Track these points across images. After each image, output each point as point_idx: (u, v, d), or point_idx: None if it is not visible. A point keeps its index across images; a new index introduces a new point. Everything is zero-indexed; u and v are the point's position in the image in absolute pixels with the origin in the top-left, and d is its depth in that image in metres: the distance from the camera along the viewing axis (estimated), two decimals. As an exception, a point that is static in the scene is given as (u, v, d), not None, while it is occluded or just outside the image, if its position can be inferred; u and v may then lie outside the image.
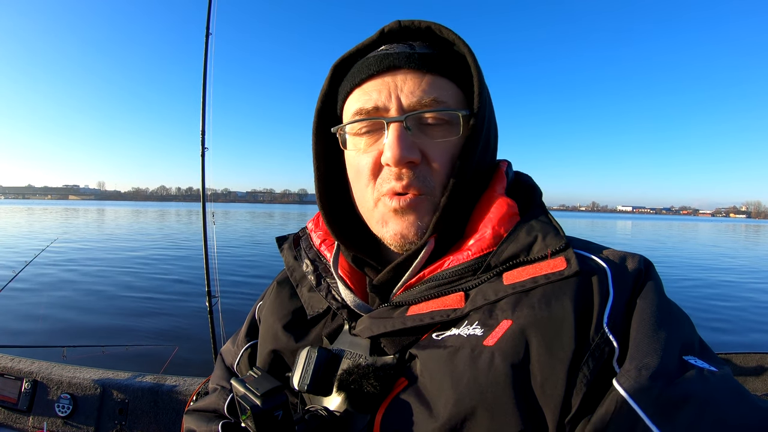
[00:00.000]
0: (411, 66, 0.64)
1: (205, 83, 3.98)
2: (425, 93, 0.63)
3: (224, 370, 0.94)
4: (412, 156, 0.63)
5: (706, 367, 0.49)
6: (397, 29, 0.68)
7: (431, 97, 0.63)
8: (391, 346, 0.63)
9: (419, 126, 0.65)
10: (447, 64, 0.66)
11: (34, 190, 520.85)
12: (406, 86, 0.64)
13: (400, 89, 0.64)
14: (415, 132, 0.65)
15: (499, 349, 0.53)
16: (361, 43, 0.70)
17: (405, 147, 0.62)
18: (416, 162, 0.64)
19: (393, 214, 0.66)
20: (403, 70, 0.64)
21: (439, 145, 0.65)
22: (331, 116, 0.76)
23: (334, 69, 0.72)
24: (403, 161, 0.62)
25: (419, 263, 0.66)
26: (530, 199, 0.71)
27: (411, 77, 0.64)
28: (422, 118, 0.65)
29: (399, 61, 0.64)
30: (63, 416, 2.10)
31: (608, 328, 0.52)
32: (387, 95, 0.64)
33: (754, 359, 2.61)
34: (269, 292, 0.91)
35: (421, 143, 0.65)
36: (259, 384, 0.57)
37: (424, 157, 0.65)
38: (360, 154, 0.69)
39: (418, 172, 0.64)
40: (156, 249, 17.85)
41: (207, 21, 3.94)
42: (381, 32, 0.68)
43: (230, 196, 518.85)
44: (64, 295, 9.07)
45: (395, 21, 0.68)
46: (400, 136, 0.62)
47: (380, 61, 0.66)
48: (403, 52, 0.65)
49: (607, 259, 0.60)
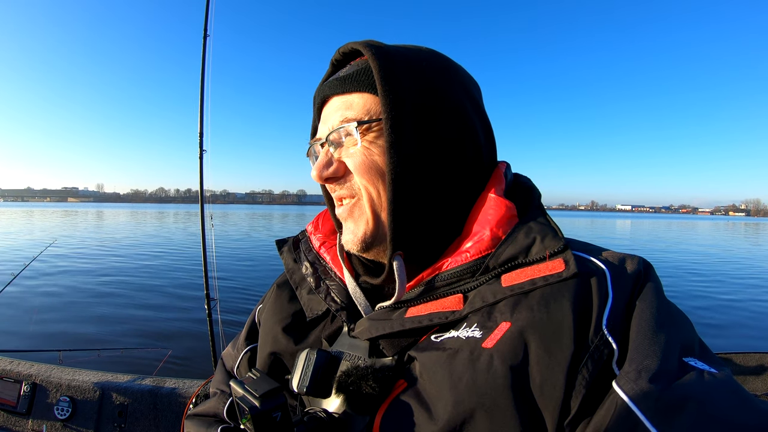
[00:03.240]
0: (335, 92, 0.70)
1: (203, 85, 3.97)
2: (339, 115, 0.69)
3: (224, 375, 0.94)
4: (326, 172, 0.70)
5: (706, 368, 0.49)
6: (340, 57, 0.73)
7: (340, 117, 0.68)
8: (390, 348, 0.63)
9: (337, 143, 0.70)
10: (365, 78, 0.67)
11: (33, 193, 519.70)
12: (330, 113, 0.71)
13: (329, 116, 0.71)
14: (336, 149, 0.70)
15: (497, 351, 0.53)
16: (324, 76, 0.77)
17: (321, 166, 0.70)
18: (337, 176, 0.70)
19: (342, 222, 0.74)
20: (331, 97, 0.71)
21: (348, 155, 0.69)
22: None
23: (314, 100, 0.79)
24: (321, 179, 0.71)
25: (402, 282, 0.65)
26: (529, 200, 0.71)
27: (335, 103, 0.70)
28: (332, 138, 0.70)
29: (326, 91, 0.72)
30: (62, 419, 2.09)
31: (607, 330, 0.51)
32: (323, 124, 0.73)
33: (754, 359, 2.62)
34: (269, 295, 0.91)
35: (341, 158, 0.70)
36: (258, 385, 0.57)
37: (346, 169, 0.70)
38: None
39: (343, 182, 0.70)
40: (155, 251, 17.83)
41: (205, 23, 3.93)
42: (332, 63, 0.75)
43: (229, 198, 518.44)
44: (60, 299, 9.05)
45: (337, 50, 0.73)
46: (321, 157, 0.71)
47: (317, 96, 0.75)
48: (329, 82, 0.72)
49: (606, 260, 0.60)
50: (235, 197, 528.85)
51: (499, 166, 0.75)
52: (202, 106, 3.94)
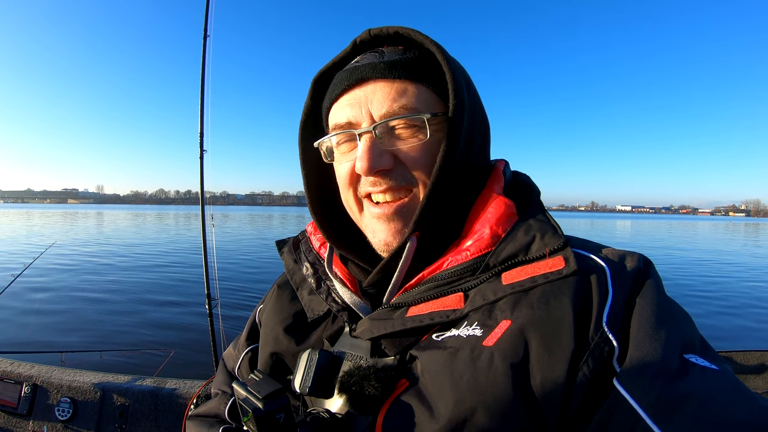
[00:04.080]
0: (378, 76, 0.66)
1: (203, 85, 3.98)
2: (393, 101, 0.65)
3: (226, 375, 0.94)
4: (381, 164, 0.65)
5: (707, 365, 0.49)
6: (369, 39, 0.70)
7: (399, 105, 0.65)
8: (392, 348, 0.63)
9: (390, 132, 0.67)
10: (417, 68, 0.66)
11: (33, 194, 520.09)
12: (376, 97, 0.66)
13: (369, 101, 0.66)
14: (387, 139, 0.66)
15: (498, 349, 0.53)
16: (337, 55, 0.73)
17: (373, 157, 0.65)
18: (387, 168, 0.66)
19: (377, 221, 0.69)
20: (371, 81, 0.67)
21: (411, 147, 0.66)
22: (318, 127, 0.79)
23: (315, 83, 0.75)
24: (372, 171, 0.65)
25: (406, 263, 0.66)
26: (528, 198, 0.71)
27: (380, 87, 0.66)
28: (392, 125, 0.66)
29: (367, 73, 0.67)
30: (63, 420, 2.09)
31: (608, 327, 0.52)
32: (358, 109, 0.67)
33: (755, 357, 2.62)
34: (270, 295, 0.91)
35: (394, 149, 0.66)
36: (261, 387, 0.57)
37: (398, 161, 0.67)
38: (340, 163, 0.72)
39: (393, 176, 0.67)
40: (155, 253, 17.82)
41: (205, 23, 3.94)
42: (354, 44, 0.71)
43: (229, 199, 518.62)
44: (61, 301, 9.04)
45: (366, 30, 0.70)
46: (369, 146, 0.65)
47: (350, 76, 0.68)
48: (370, 63, 0.67)
49: (606, 258, 0.60)
50: (236, 198, 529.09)
51: (498, 164, 0.75)
52: (202, 107, 3.95)
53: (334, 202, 0.80)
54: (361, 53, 0.71)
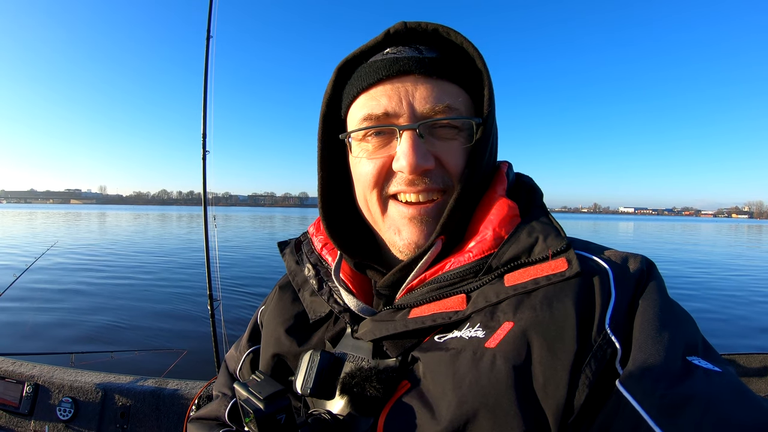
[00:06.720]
0: (421, 71, 0.63)
1: (206, 86, 3.99)
2: (438, 100, 0.63)
3: (227, 377, 0.94)
4: (427, 164, 0.64)
5: (710, 367, 0.48)
6: (403, 31, 0.67)
7: (444, 104, 0.64)
8: (394, 349, 0.63)
9: (431, 132, 0.66)
10: (455, 69, 0.66)
11: (36, 195, 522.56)
12: (418, 92, 0.64)
13: (411, 95, 0.64)
14: (427, 138, 0.65)
15: (500, 351, 0.53)
16: (366, 44, 0.69)
17: (420, 155, 0.62)
18: (430, 168, 0.65)
19: (408, 222, 0.67)
20: (412, 75, 0.64)
21: (452, 149, 0.65)
22: (334, 120, 0.75)
23: (338, 71, 0.71)
24: (419, 170, 0.63)
25: (425, 264, 0.66)
26: (531, 200, 0.70)
27: (422, 83, 0.64)
28: (435, 125, 0.65)
29: (409, 66, 0.64)
30: (64, 420, 2.09)
31: (610, 329, 0.51)
32: (398, 101, 0.64)
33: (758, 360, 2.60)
34: (271, 296, 0.91)
35: (434, 149, 0.65)
36: (262, 388, 0.57)
37: (438, 162, 0.66)
38: (364, 159, 0.68)
39: (434, 177, 0.65)
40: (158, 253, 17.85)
41: (208, 24, 3.96)
42: (386, 33, 0.67)
43: (231, 200, 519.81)
44: (68, 301, 9.06)
45: (401, 22, 0.67)
46: (414, 144, 0.63)
47: (389, 66, 0.65)
48: (413, 57, 0.64)
49: (609, 259, 0.60)
50: (238, 199, 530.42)
51: (501, 166, 0.75)
52: (205, 107, 3.97)
53: (339, 201, 0.79)
54: (391, 46, 0.68)
